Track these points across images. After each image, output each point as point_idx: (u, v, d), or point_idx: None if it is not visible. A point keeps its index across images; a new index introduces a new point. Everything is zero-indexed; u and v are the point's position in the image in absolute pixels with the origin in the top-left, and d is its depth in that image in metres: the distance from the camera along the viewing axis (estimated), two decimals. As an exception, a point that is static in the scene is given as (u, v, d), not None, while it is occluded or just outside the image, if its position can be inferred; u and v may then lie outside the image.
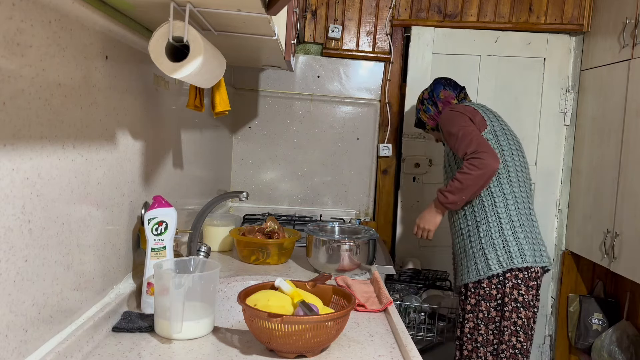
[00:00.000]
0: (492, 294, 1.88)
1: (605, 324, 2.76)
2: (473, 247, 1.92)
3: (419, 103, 2.26)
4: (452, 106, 2.07)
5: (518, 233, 1.89)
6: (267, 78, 2.78)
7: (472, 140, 1.88)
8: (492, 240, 1.88)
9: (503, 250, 1.86)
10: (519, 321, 1.86)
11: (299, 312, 1.11)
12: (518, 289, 1.86)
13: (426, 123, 2.24)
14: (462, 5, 2.79)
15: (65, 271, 0.97)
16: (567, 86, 2.87)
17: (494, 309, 1.88)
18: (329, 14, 2.78)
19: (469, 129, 1.92)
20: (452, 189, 1.90)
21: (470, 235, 1.95)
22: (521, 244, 1.88)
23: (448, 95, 2.17)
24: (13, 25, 0.76)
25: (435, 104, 2.18)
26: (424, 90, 2.26)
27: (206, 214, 1.59)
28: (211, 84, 1.21)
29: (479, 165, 1.83)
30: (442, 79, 2.23)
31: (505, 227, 1.89)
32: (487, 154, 1.84)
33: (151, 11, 1.12)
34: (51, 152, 0.89)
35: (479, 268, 1.88)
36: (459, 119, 1.97)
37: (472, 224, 1.94)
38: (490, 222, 1.90)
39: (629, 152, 2.37)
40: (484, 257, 1.88)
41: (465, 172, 1.86)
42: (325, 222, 1.96)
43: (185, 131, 1.76)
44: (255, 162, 2.82)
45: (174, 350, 1.06)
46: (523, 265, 1.85)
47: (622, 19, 2.46)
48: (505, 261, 1.86)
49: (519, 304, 1.86)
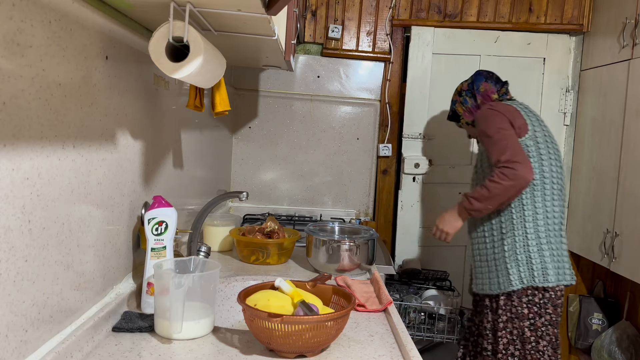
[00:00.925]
0: (524, 313, 1.82)
1: (605, 324, 2.76)
2: (496, 259, 1.85)
3: (456, 94, 2.14)
4: (492, 104, 1.95)
5: (544, 250, 1.81)
6: (267, 78, 2.78)
7: (507, 147, 1.77)
8: (515, 255, 1.81)
9: (525, 267, 1.80)
10: (547, 337, 1.83)
11: (299, 312, 1.11)
12: (546, 309, 1.81)
13: (461, 116, 2.11)
14: (462, 5, 2.79)
15: (65, 271, 0.97)
16: (567, 86, 2.87)
17: (528, 329, 1.83)
18: (329, 14, 2.78)
19: (505, 134, 1.81)
20: (479, 196, 1.81)
21: (494, 245, 1.87)
22: (545, 262, 1.81)
23: (489, 89, 2.05)
24: (13, 25, 0.76)
25: (474, 96, 2.07)
26: (463, 82, 2.15)
27: (206, 214, 1.59)
28: (211, 84, 1.21)
29: (511, 175, 1.73)
30: (484, 72, 2.11)
31: (532, 243, 1.81)
32: (521, 165, 1.73)
33: (151, 11, 1.12)
34: (51, 152, 0.89)
35: (500, 282, 1.83)
36: (497, 120, 1.85)
37: (497, 235, 1.86)
38: (517, 236, 1.82)
39: (629, 152, 2.37)
40: (505, 272, 1.82)
41: (496, 180, 1.76)
42: (325, 222, 1.96)
43: (185, 131, 1.76)
44: (255, 162, 2.82)
45: (174, 350, 1.06)
46: (544, 285, 1.79)
47: (622, 19, 2.46)
48: (526, 278, 1.80)
49: (546, 322, 1.82)
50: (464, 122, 2.12)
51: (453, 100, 2.16)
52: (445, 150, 2.86)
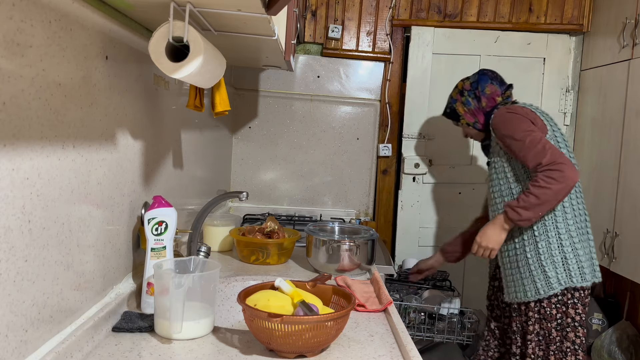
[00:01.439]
0: (552, 314, 1.79)
1: (605, 324, 2.76)
2: (530, 264, 1.80)
3: (457, 93, 2.05)
4: (508, 107, 1.88)
5: (577, 250, 1.79)
6: (267, 78, 2.78)
7: (546, 149, 1.69)
8: (552, 258, 1.77)
9: (562, 268, 1.77)
10: (577, 340, 1.79)
11: (299, 312, 1.11)
12: (575, 308, 1.78)
13: (462, 116, 2.03)
14: (462, 5, 2.79)
15: (65, 271, 0.97)
16: (567, 86, 2.87)
17: (555, 329, 1.80)
18: (329, 14, 2.78)
19: (536, 135, 1.73)
20: (527, 204, 1.71)
21: (526, 250, 1.82)
22: (581, 261, 1.78)
23: (494, 91, 1.98)
24: (13, 25, 0.76)
25: (478, 98, 1.98)
26: (464, 80, 2.06)
27: (206, 214, 1.59)
28: (211, 84, 1.21)
29: (559, 178, 1.65)
30: (489, 72, 2.03)
31: (565, 243, 1.78)
32: (566, 166, 1.66)
33: (151, 11, 1.12)
34: (51, 152, 0.89)
35: (539, 287, 1.78)
36: (521, 123, 1.77)
37: (530, 239, 1.81)
38: (550, 238, 1.78)
39: (629, 152, 2.37)
40: (543, 275, 1.77)
41: (543, 186, 1.67)
42: (325, 222, 1.96)
43: (185, 131, 1.76)
44: (255, 162, 2.82)
45: (174, 350, 1.06)
46: (582, 284, 1.77)
47: (622, 19, 2.46)
48: (564, 279, 1.76)
49: (576, 322, 1.79)
50: (465, 122, 2.05)
51: (453, 98, 2.07)
52: (445, 150, 2.86)
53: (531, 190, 1.71)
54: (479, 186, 2.86)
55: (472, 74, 2.08)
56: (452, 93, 2.09)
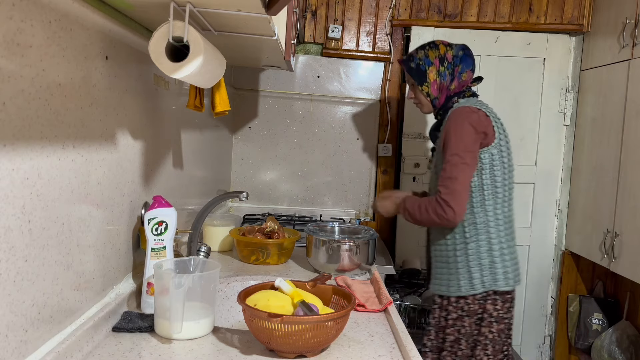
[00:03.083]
0: (472, 309, 1.80)
1: (605, 324, 2.76)
2: (458, 262, 1.80)
3: (436, 57, 1.86)
4: (472, 108, 1.77)
5: (505, 255, 1.80)
6: (267, 78, 2.78)
7: (456, 184, 1.70)
8: (479, 260, 1.78)
9: (488, 271, 1.78)
10: (489, 335, 1.80)
11: (299, 312, 1.11)
12: (495, 305, 1.80)
13: (429, 83, 1.86)
14: (462, 6, 2.79)
15: (65, 271, 0.97)
16: (567, 86, 2.87)
17: (475, 323, 1.81)
18: (329, 14, 2.78)
19: (465, 165, 1.71)
20: (412, 211, 1.78)
21: (456, 249, 1.82)
22: (506, 266, 1.79)
23: (468, 79, 1.87)
24: (13, 25, 0.76)
25: (452, 77, 1.85)
26: (447, 46, 1.87)
27: (206, 214, 1.59)
28: (211, 84, 1.21)
29: (440, 217, 1.70)
30: (472, 57, 1.90)
31: (495, 247, 1.79)
32: (452, 212, 1.69)
33: (151, 11, 1.12)
34: (51, 152, 0.89)
35: (461, 285, 1.79)
36: (469, 140, 1.73)
37: (460, 239, 1.81)
38: (480, 241, 1.79)
39: (629, 152, 2.37)
40: (468, 276, 1.78)
41: (429, 211, 1.73)
42: (325, 222, 1.96)
43: (185, 131, 1.76)
44: (255, 162, 2.82)
45: (174, 350, 1.06)
46: (505, 289, 1.79)
47: (622, 19, 2.46)
48: (488, 282, 1.77)
49: (492, 318, 1.80)
50: (426, 91, 1.87)
51: (428, 58, 1.86)
52: (445, 150, 2.85)
53: (422, 205, 1.75)
54: (479, 186, 2.86)
55: (454, 43, 1.92)
56: (429, 52, 1.87)
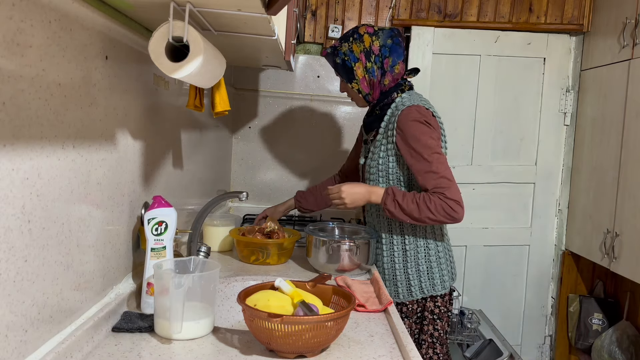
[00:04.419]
0: (413, 309, 1.81)
1: (605, 324, 2.76)
2: (396, 270, 1.79)
3: (361, 51, 1.73)
4: (419, 109, 1.67)
5: (441, 259, 1.79)
6: (267, 78, 2.78)
7: (452, 182, 1.62)
8: (417, 267, 1.77)
9: (427, 277, 1.77)
10: (435, 333, 1.79)
11: (299, 312, 1.11)
12: (435, 302, 1.80)
13: (358, 81, 1.75)
14: (462, 5, 2.79)
15: (65, 271, 0.96)
16: (567, 86, 2.87)
17: (415, 323, 1.82)
18: (329, 14, 2.78)
19: (442, 160, 1.64)
20: (408, 210, 1.63)
21: (394, 256, 1.79)
22: (442, 269, 1.79)
23: (401, 71, 1.76)
24: (13, 25, 0.76)
25: (383, 72, 1.74)
26: (373, 37, 1.73)
27: (206, 214, 1.59)
28: (211, 84, 1.21)
29: (450, 218, 1.61)
30: (401, 41, 1.75)
31: (432, 253, 1.78)
32: (461, 208, 1.61)
33: (151, 11, 1.11)
34: (51, 152, 0.89)
35: (400, 291, 1.79)
36: (430, 139, 1.65)
37: (398, 246, 1.79)
38: (419, 248, 1.78)
39: (629, 152, 2.37)
40: (407, 282, 1.78)
41: (433, 211, 1.60)
42: (325, 222, 1.96)
43: (185, 131, 1.76)
44: (255, 162, 2.82)
45: (173, 351, 1.06)
46: (442, 292, 1.79)
47: (622, 19, 2.46)
48: (427, 288, 1.77)
49: (435, 315, 1.79)
50: (356, 88, 1.77)
51: (353, 53, 1.74)
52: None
53: (421, 206, 1.61)
54: (479, 186, 2.86)
55: (380, 29, 1.77)
56: (354, 46, 1.74)
